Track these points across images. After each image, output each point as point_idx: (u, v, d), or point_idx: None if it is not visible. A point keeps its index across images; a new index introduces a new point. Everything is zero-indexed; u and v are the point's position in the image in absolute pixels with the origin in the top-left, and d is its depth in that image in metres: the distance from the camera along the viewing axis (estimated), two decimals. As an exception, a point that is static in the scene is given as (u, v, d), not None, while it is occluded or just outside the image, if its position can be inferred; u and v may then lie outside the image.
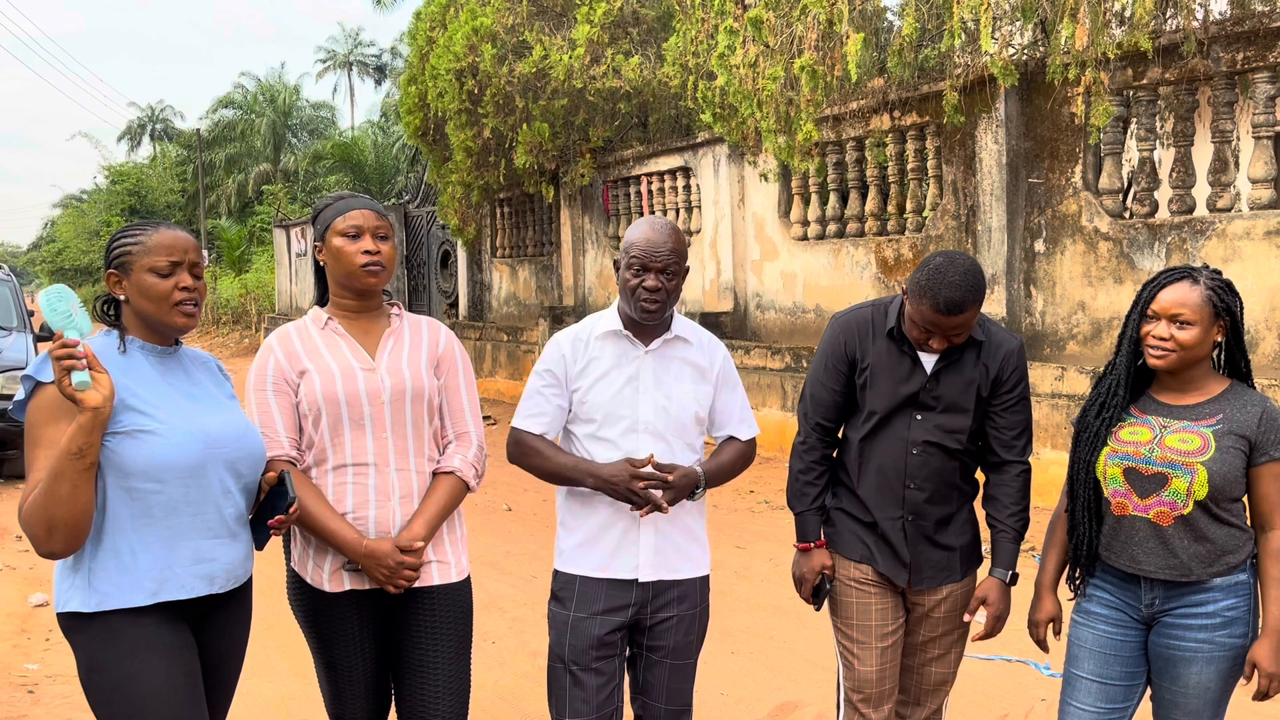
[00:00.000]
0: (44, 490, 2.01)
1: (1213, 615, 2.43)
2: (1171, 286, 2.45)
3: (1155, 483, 2.44)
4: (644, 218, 2.72)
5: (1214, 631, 2.43)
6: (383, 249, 2.54)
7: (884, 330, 2.74)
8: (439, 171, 14.18)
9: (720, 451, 2.82)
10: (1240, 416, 2.44)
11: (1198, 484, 2.39)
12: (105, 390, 2.00)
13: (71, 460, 1.99)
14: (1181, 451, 2.43)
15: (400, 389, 2.53)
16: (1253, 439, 2.42)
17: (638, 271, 2.62)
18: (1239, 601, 2.44)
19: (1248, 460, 2.42)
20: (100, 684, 2.13)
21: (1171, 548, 2.43)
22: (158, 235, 2.22)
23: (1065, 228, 7.53)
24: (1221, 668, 2.43)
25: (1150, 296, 2.46)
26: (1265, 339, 6.39)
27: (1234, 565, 2.43)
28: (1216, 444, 2.41)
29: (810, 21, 7.51)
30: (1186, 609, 2.45)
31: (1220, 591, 2.43)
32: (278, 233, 24.92)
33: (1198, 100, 6.92)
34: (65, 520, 2.03)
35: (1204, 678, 2.44)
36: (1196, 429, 2.45)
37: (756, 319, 10.53)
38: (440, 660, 2.55)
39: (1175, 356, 2.44)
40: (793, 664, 4.52)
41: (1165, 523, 2.43)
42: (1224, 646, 2.43)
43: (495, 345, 14.49)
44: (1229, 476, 2.40)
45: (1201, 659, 2.43)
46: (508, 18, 11.88)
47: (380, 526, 2.50)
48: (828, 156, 9.43)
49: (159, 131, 48.35)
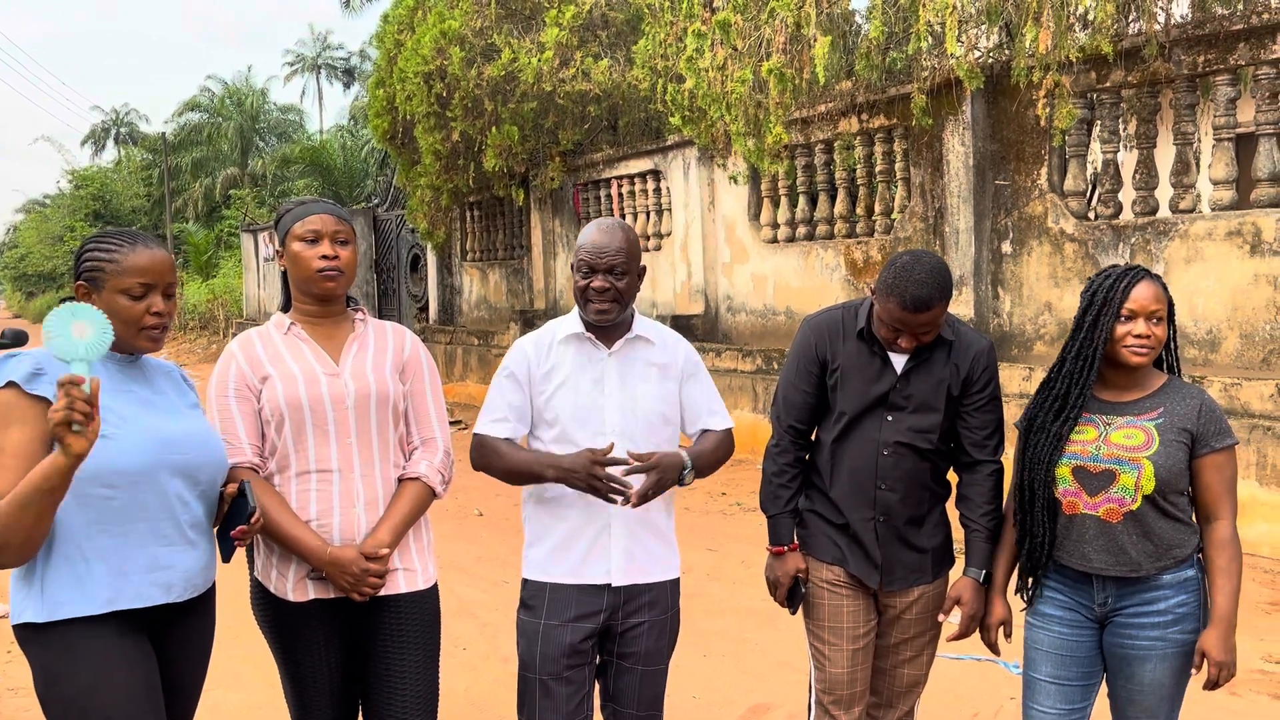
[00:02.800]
0: (4, 514, 1.95)
1: (1164, 613, 2.46)
2: (1140, 285, 2.46)
3: (1104, 480, 2.47)
4: (593, 220, 2.72)
5: (1166, 629, 2.46)
6: (341, 254, 2.51)
7: (854, 331, 2.74)
8: (408, 175, 14.10)
9: (701, 440, 2.79)
10: (1180, 410, 2.48)
11: (1145, 478, 2.43)
12: (93, 436, 1.93)
13: (42, 495, 1.94)
14: (1127, 447, 2.46)
15: (364, 394, 2.50)
16: (1194, 431, 2.46)
17: (585, 273, 2.62)
18: (1189, 598, 2.47)
19: (1190, 453, 2.46)
20: (57, 696, 2.08)
21: (1121, 544, 2.46)
22: (134, 255, 2.17)
23: (1031, 229, 7.60)
24: (1175, 664, 2.47)
25: (1123, 297, 2.46)
26: (1227, 339, 6.48)
27: (1181, 559, 2.47)
28: (1160, 438, 2.45)
29: (778, 24, 7.53)
30: (1138, 607, 2.48)
31: (1170, 589, 2.46)
32: (245, 237, 24.68)
33: (1160, 103, 7.01)
34: (21, 543, 1.99)
35: (1158, 675, 2.47)
36: (1140, 423, 2.49)
37: (727, 321, 10.54)
38: (408, 669, 2.52)
39: (1154, 353, 2.48)
40: (765, 666, 4.52)
41: (1114, 519, 2.46)
42: (1176, 643, 2.46)
43: (466, 349, 14.42)
44: (1174, 469, 2.44)
45: (1155, 656, 2.46)
46: (476, 21, 11.83)
47: (345, 534, 2.47)
48: (797, 159, 9.47)
49: (124, 135, 47.80)
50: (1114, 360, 2.50)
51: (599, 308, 2.62)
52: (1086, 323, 2.51)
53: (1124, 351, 2.47)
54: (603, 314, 2.63)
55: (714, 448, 2.77)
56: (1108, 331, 2.48)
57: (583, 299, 2.64)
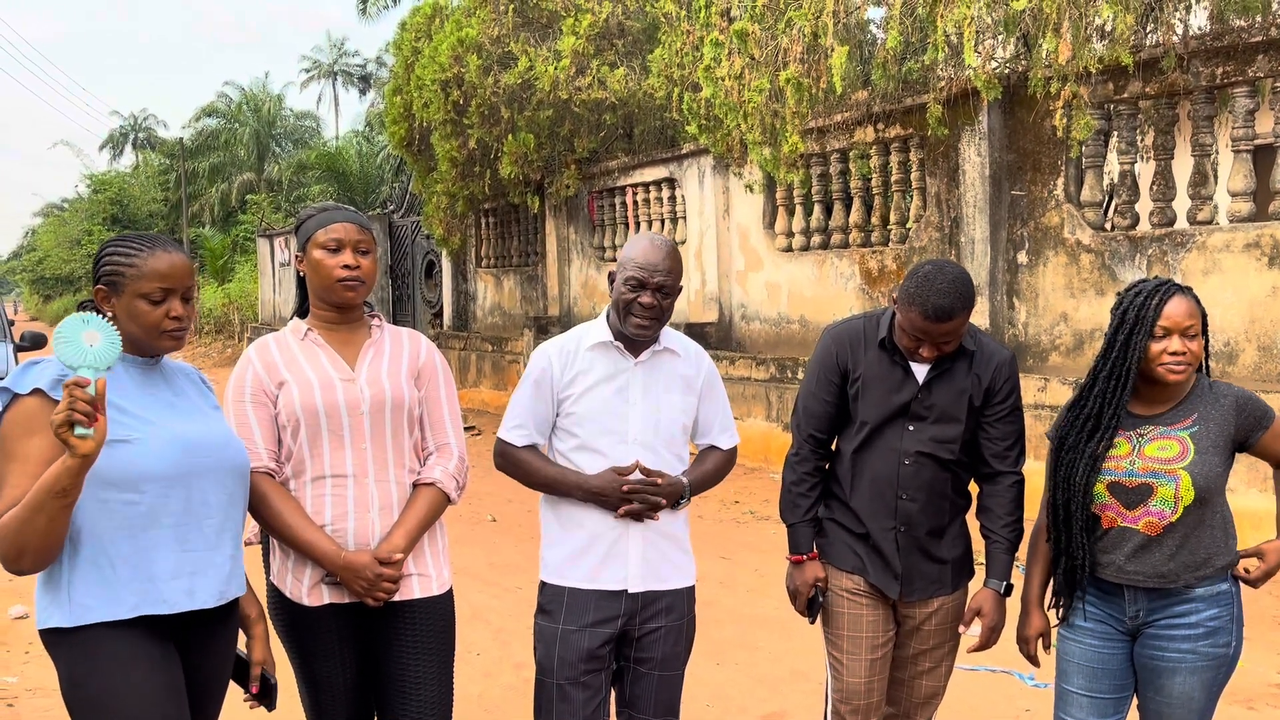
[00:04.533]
0: (19, 519, 1.97)
1: (1195, 626, 2.44)
2: (1173, 301, 2.41)
3: (1141, 494, 2.44)
4: (644, 233, 2.71)
5: (1197, 642, 2.43)
6: (363, 263, 2.52)
7: (875, 341, 2.74)
8: (424, 182, 14.15)
9: (703, 460, 2.81)
10: (1215, 414, 2.46)
11: (1183, 489, 2.40)
12: (100, 438, 1.94)
13: (54, 498, 1.95)
14: (1162, 460, 2.43)
15: (380, 400, 2.51)
16: (1235, 431, 2.45)
17: (634, 288, 2.59)
18: (1221, 611, 2.45)
19: (1236, 447, 2.45)
20: (81, 699, 2.09)
21: (1160, 555, 2.43)
22: (153, 260, 2.17)
23: (1047, 240, 7.58)
24: (1205, 677, 2.44)
25: (1156, 314, 2.40)
26: (1245, 350, 6.44)
27: (1218, 570, 2.45)
28: (1195, 446, 2.42)
29: (795, 34, 7.54)
30: (1170, 619, 2.46)
31: (1203, 602, 2.44)
32: (261, 242, 24.80)
33: (1178, 114, 6.99)
34: (38, 547, 2.00)
35: (1188, 687, 2.44)
36: (1174, 434, 2.46)
37: (741, 329, 10.54)
38: (422, 674, 2.53)
39: (1190, 369, 2.44)
40: (779, 675, 4.51)
41: (1154, 532, 2.44)
42: (1207, 656, 2.43)
43: (480, 355, 14.45)
44: (1211, 476, 2.41)
45: (1185, 669, 2.44)
46: (493, 29, 11.88)
47: (359, 538, 2.47)
48: (812, 168, 9.46)
49: (141, 140, 48.16)
50: (1149, 377, 2.46)
51: (641, 324, 2.61)
52: (1119, 341, 2.45)
53: (1160, 370, 2.42)
54: (643, 330, 2.62)
55: (714, 471, 2.81)
56: (1141, 351, 2.42)
57: (625, 312, 2.62)
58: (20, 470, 2.03)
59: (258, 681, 2.36)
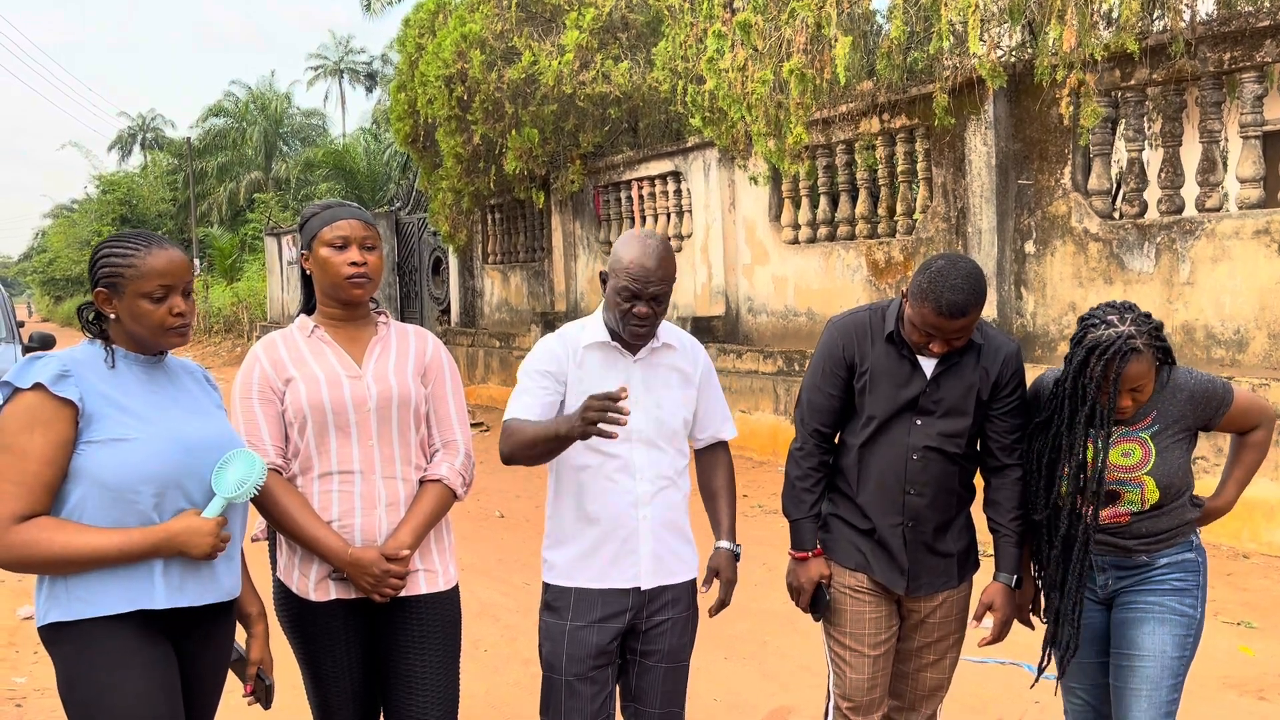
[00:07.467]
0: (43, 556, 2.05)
1: (1163, 583, 2.60)
2: (1133, 364, 2.43)
3: (1109, 499, 2.58)
4: (635, 234, 2.63)
5: (1164, 596, 2.58)
6: (369, 260, 2.52)
7: (883, 334, 2.71)
8: (430, 178, 14.16)
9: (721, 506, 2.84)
10: (1172, 409, 2.56)
11: (1149, 492, 2.55)
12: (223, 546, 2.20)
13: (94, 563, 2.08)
14: (1126, 467, 2.55)
15: (386, 396, 2.51)
16: (1193, 419, 2.56)
17: (629, 298, 2.55)
18: (1187, 576, 2.60)
19: (1197, 433, 2.58)
20: (76, 698, 2.10)
21: (1124, 541, 2.60)
22: (151, 258, 2.17)
23: (1055, 229, 7.54)
24: (1176, 632, 2.55)
25: (1117, 375, 2.43)
26: (1255, 338, 6.40)
27: (1177, 540, 2.60)
28: (1156, 447, 2.53)
29: (799, 25, 7.51)
30: (1139, 581, 2.62)
31: (1169, 568, 2.60)
32: (269, 241, 24.85)
33: (1185, 100, 6.93)
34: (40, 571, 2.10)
35: (1159, 639, 2.55)
36: (1135, 435, 2.56)
37: (748, 323, 10.52)
38: (428, 670, 2.53)
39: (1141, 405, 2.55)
40: (786, 669, 4.50)
41: (1123, 520, 2.60)
42: (1175, 611, 2.56)
43: (487, 351, 14.46)
44: (1175, 473, 2.54)
45: (1153, 619, 2.56)
46: (496, 24, 11.87)
47: (366, 535, 2.48)
48: (818, 160, 9.43)
49: (149, 140, 48.28)
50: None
51: (638, 332, 2.60)
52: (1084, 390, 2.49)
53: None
54: (641, 336, 2.62)
55: (734, 503, 2.88)
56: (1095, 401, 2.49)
57: (622, 320, 2.59)
58: (16, 465, 2.04)
59: (253, 681, 2.36)
